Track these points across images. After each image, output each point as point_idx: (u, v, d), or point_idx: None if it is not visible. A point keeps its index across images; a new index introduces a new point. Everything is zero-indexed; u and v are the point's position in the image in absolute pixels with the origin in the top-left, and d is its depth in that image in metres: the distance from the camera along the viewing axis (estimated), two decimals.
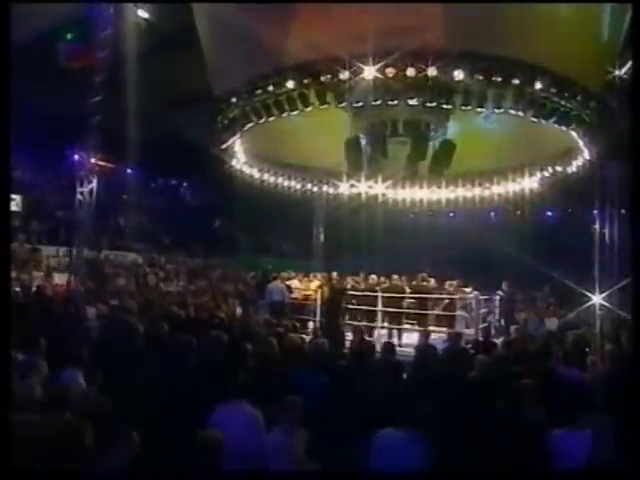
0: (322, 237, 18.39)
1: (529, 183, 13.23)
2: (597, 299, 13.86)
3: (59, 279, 16.01)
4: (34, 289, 11.85)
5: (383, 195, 13.99)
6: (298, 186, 14.62)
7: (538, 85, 8.17)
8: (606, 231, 14.53)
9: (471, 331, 10.16)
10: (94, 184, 15.46)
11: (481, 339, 8.21)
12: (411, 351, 6.92)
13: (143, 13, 11.17)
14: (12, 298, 8.79)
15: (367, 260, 14.48)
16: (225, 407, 3.55)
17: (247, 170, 13.00)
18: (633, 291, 3.85)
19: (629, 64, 12.74)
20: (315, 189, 14.98)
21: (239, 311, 10.96)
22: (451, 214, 18.23)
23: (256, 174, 13.28)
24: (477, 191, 14.34)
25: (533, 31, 8.11)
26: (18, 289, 11.66)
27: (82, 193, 15.94)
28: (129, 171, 26.42)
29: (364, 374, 4.85)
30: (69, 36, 12.11)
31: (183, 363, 4.81)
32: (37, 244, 19.06)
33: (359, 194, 13.82)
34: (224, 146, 10.67)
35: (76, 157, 26.71)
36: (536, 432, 3.49)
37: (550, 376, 5.01)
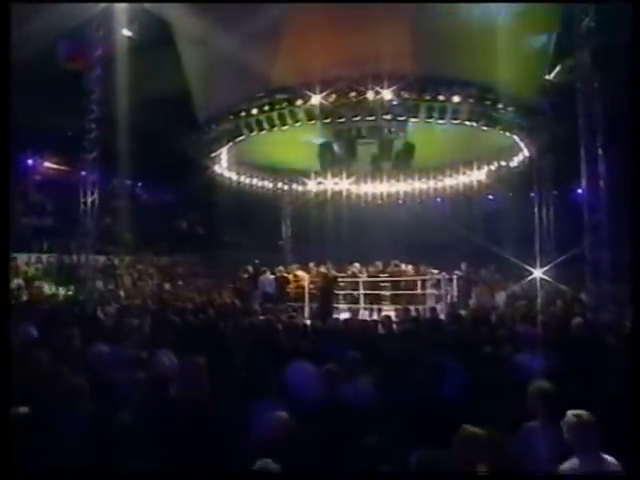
0: (291, 231, 19.72)
1: (477, 175, 15.10)
2: (538, 273, 16.05)
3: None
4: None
5: (347, 190, 15.49)
6: (270, 185, 15.91)
7: (479, 99, 9.92)
8: (543, 214, 16.70)
9: (441, 305, 11.94)
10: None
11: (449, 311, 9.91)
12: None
13: (127, 32, 12.01)
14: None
15: (340, 250, 15.90)
16: (294, 366, 4.83)
17: (227, 174, 14.13)
18: (633, 291, 4.18)
19: (558, 68, 14.72)
20: (285, 187, 16.32)
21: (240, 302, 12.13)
22: (439, 199, 19.82)
23: (234, 177, 14.42)
24: (432, 183, 16.15)
25: (469, 50, 9.76)
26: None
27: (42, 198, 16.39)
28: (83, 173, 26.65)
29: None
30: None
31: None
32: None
33: (325, 190, 15.28)
34: (213, 155, 11.81)
35: (29, 162, 26.69)
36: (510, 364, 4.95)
37: (513, 332, 6.65)
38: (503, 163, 13.79)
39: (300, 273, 13.22)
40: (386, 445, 3.28)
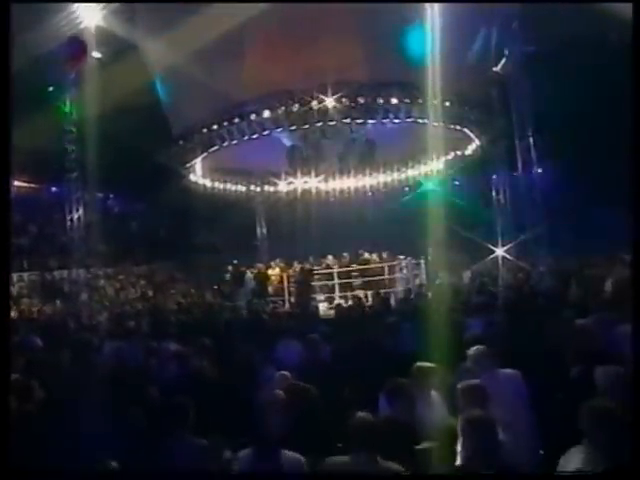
0: (266, 231, 20.55)
1: (436, 165, 16.20)
2: (500, 252, 17.30)
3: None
4: None
5: (317, 188, 16.43)
6: (243, 189, 16.72)
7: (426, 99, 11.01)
8: (501, 196, 17.91)
9: (410, 286, 13.06)
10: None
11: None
12: None
13: (96, 54, 12.64)
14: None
15: (314, 244, 16.81)
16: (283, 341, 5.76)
17: (201, 181, 14.90)
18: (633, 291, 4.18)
19: (503, 60, 15.87)
20: (258, 189, 17.15)
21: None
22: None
23: (208, 183, 15.20)
24: (396, 175, 17.21)
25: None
26: None
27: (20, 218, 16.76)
28: (54, 189, 26.84)
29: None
30: None
31: None
32: None
33: (296, 189, 16.19)
34: (188, 165, 12.60)
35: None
36: None
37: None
38: (459, 153, 14.91)
39: (278, 269, 14.15)
40: (359, 393, 4.21)
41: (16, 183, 27.35)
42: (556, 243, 19.41)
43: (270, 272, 14.04)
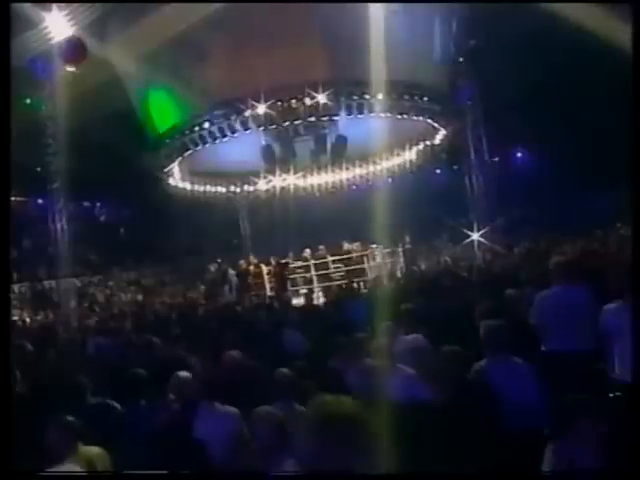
0: (249, 229, 21.04)
1: (409, 155, 16.73)
2: (475, 236, 17.91)
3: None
4: None
5: (295, 185, 16.90)
6: (223, 190, 17.14)
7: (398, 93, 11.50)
8: (474, 182, 18.48)
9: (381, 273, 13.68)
10: None
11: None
12: None
13: (70, 67, 12.99)
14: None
15: (294, 239, 17.34)
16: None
17: (181, 185, 15.32)
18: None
19: (468, 49, 16.43)
20: (238, 190, 17.56)
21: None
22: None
23: (188, 187, 15.61)
24: (371, 168, 17.72)
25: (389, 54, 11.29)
26: None
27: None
28: (40, 201, 27.12)
29: None
30: None
31: None
32: None
33: (274, 187, 16.65)
34: (166, 170, 13.04)
35: None
36: None
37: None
38: (428, 143, 15.45)
39: (258, 265, 14.69)
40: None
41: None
42: (532, 225, 20.08)
43: (251, 268, 14.53)
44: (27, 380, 5.31)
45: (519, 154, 26.25)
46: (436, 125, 13.75)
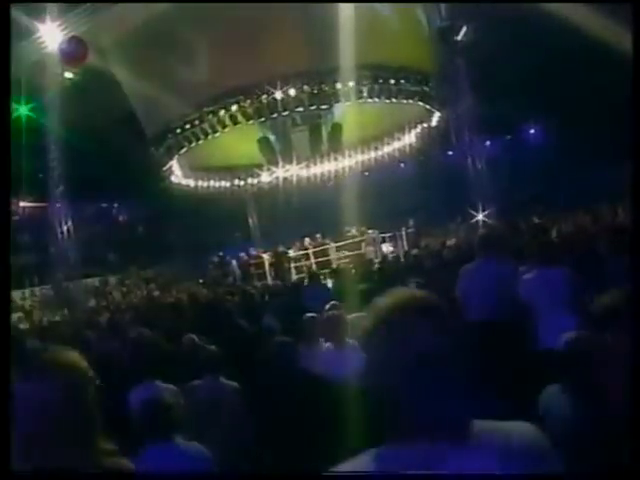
0: (257, 220, 21.31)
1: (408, 139, 16.75)
2: (480, 216, 17.87)
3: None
4: None
5: (297, 175, 17.08)
6: (227, 184, 17.43)
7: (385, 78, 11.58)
8: (476, 160, 18.37)
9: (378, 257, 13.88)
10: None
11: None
12: None
13: (68, 74, 13.39)
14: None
15: (295, 230, 17.58)
16: None
17: (184, 182, 15.66)
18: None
19: (463, 29, 16.28)
20: (242, 183, 17.83)
21: None
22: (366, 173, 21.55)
23: (192, 183, 15.94)
24: (372, 154, 17.78)
25: (378, 39, 11.39)
26: None
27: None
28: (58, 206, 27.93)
29: None
30: None
31: None
32: None
33: (277, 178, 16.86)
34: (165, 168, 13.38)
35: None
36: None
37: None
38: (425, 125, 15.45)
39: (259, 256, 15.04)
40: None
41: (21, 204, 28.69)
42: (538, 203, 19.92)
43: (254, 259, 14.86)
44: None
45: (519, 135, 26.06)
46: (428, 107, 13.76)
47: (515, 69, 16.84)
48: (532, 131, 25.88)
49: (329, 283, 8.40)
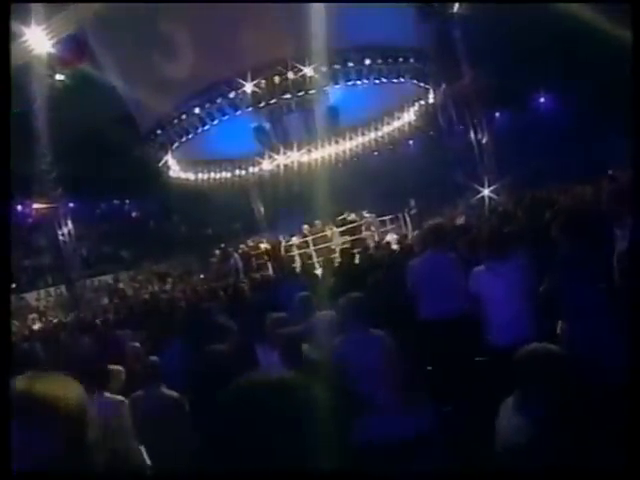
0: (262, 208, 21.25)
1: (407, 117, 16.48)
2: (486, 192, 17.62)
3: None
4: None
5: (298, 162, 16.94)
6: (228, 175, 17.38)
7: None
8: (479, 136, 18.03)
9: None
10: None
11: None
12: None
13: (60, 77, 13.42)
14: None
15: (298, 217, 17.48)
16: None
17: (183, 175, 15.66)
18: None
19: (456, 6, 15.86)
20: (243, 173, 17.76)
21: None
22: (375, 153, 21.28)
23: (191, 176, 15.94)
24: (372, 135, 17.55)
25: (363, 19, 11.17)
26: None
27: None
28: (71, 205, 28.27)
29: None
30: None
31: None
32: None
33: (279, 165, 16.75)
34: (161, 163, 13.39)
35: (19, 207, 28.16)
36: None
37: None
38: (422, 102, 15.18)
39: (258, 246, 15.04)
40: None
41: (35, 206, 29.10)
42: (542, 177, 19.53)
43: (254, 250, 14.87)
44: None
45: (520, 108, 25.58)
46: (422, 84, 13.50)
47: (515, 41, 16.39)
48: (535, 103, 25.32)
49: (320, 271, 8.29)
